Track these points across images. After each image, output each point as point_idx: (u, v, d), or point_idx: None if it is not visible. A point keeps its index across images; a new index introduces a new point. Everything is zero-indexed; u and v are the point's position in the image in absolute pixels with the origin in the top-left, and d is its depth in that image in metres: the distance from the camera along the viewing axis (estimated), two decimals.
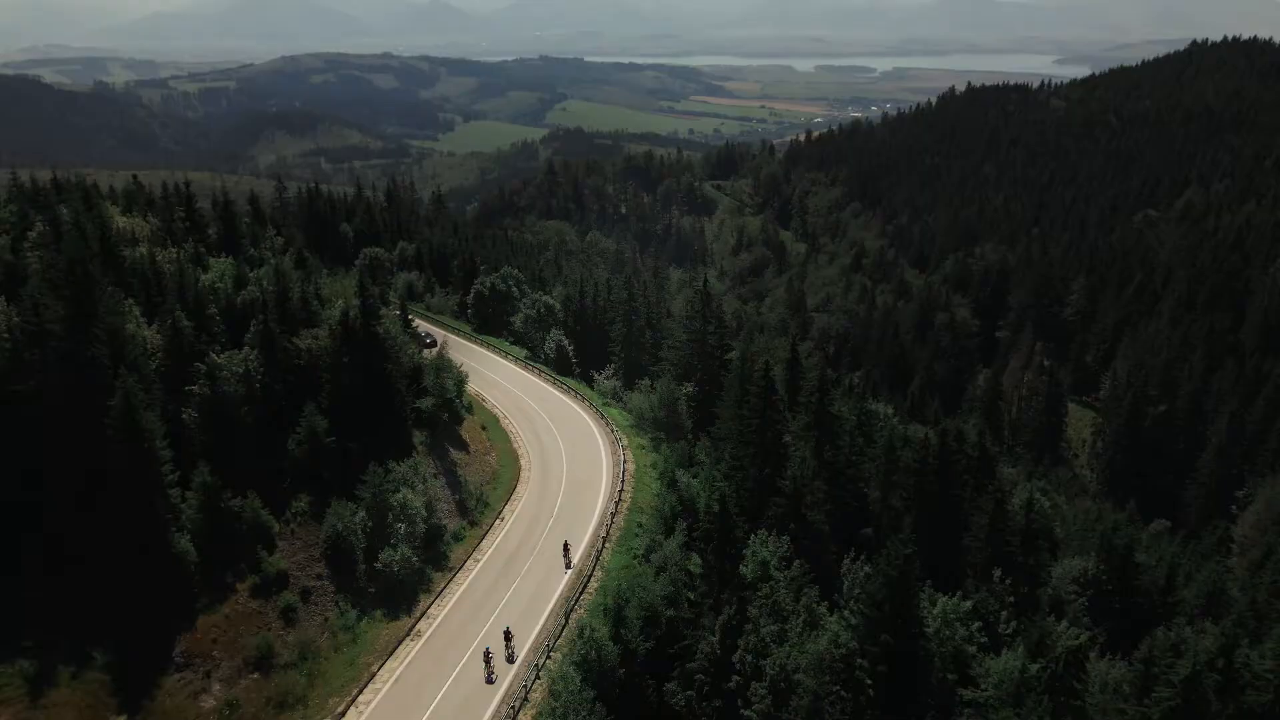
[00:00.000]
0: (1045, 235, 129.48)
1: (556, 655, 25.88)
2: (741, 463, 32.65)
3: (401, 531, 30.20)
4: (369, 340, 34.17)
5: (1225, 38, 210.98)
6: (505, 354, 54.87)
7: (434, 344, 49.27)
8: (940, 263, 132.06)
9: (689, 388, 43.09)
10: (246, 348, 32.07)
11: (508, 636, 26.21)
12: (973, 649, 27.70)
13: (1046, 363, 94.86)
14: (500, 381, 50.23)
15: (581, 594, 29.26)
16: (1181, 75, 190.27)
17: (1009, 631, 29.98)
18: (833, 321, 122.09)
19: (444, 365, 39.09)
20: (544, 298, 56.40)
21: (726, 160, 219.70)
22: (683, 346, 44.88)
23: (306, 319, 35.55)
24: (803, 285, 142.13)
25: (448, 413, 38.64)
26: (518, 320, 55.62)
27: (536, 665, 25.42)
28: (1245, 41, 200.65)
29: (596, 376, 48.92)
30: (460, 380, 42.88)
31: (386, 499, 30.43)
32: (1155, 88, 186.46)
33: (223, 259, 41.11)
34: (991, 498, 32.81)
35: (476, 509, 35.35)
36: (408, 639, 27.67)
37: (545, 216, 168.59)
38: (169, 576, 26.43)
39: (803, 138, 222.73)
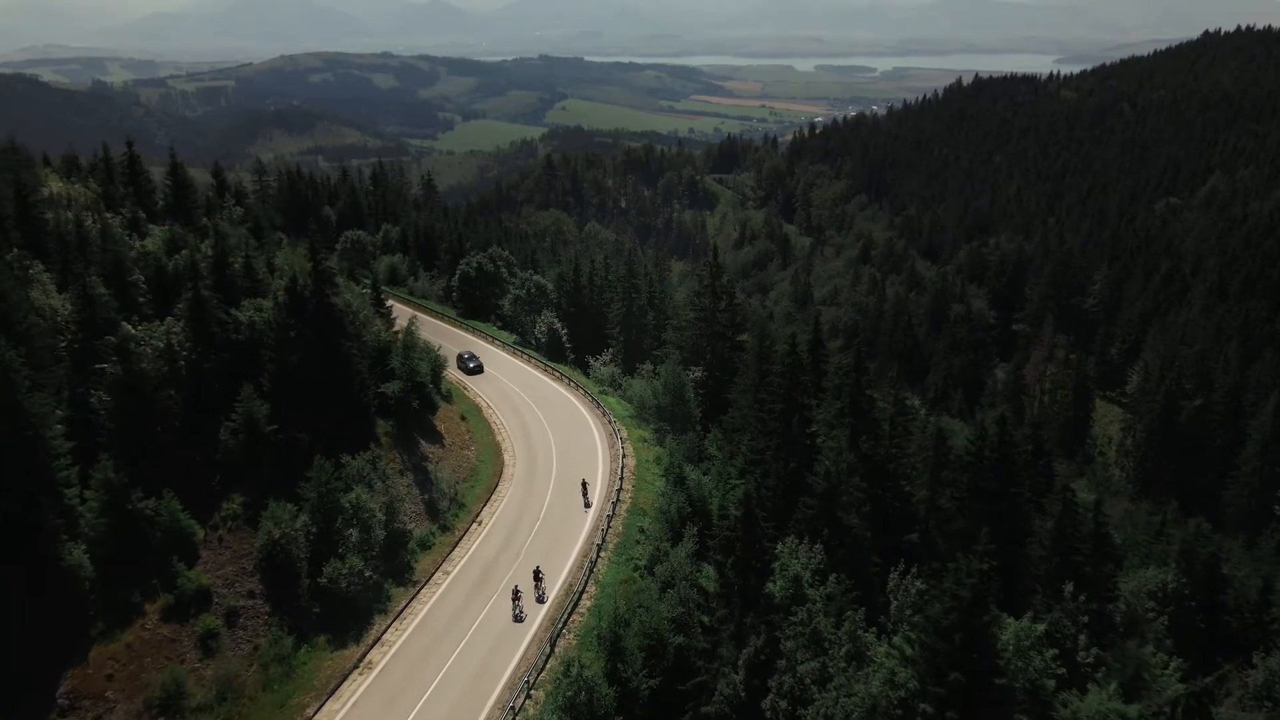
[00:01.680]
0: (1063, 224, 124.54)
1: (539, 693, 20.76)
2: (762, 456, 27.49)
3: (353, 539, 25.01)
4: (323, 312, 29.03)
5: (1238, 27, 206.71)
6: (492, 339, 49.74)
7: (480, 369, 42.59)
8: (953, 253, 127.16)
9: (697, 372, 37.91)
10: (170, 319, 26.94)
11: (537, 576, 24.91)
12: (1051, 684, 22.50)
13: (1072, 356, 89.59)
14: (487, 369, 45.07)
15: (570, 615, 24.07)
16: (1195, 64, 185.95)
17: (1089, 660, 24.77)
18: (841, 314, 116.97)
19: (413, 344, 33.89)
20: (535, 277, 51.17)
21: (728, 154, 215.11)
22: (690, 326, 39.66)
23: (251, 289, 30.45)
24: (809, 278, 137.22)
25: (419, 399, 33.47)
26: (506, 302, 50.46)
27: (513, 708, 20.26)
28: (1260, 31, 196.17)
29: (592, 362, 43.78)
30: (438, 364, 37.80)
31: (336, 499, 25.25)
32: (1168, 76, 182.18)
33: (167, 227, 36.06)
34: (1058, 498, 27.61)
35: (450, 511, 30.18)
36: (355, 672, 22.48)
37: (543, 209, 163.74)
38: (57, 596, 21.30)
39: (806, 132, 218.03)
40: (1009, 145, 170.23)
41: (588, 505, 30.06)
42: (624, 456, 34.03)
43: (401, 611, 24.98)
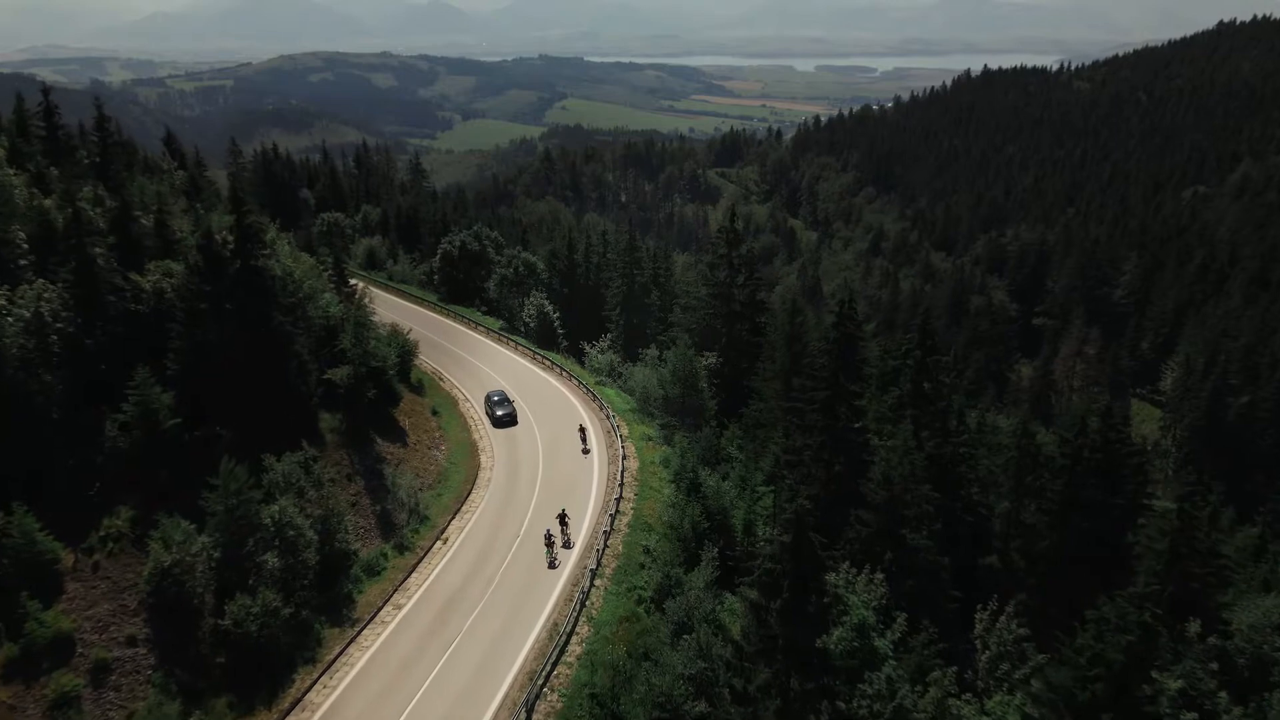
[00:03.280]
0: (1085, 214, 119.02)
1: None
2: (799, 458, 21.70)
3: (271, 565, 19.25)
4: (247, 278, 23.29)
5: (1254, 17, 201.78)
6: (476, 325, 44.00)
7: (513, 419, 31.09)
8: (969, 245, 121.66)
9: (711, 358, 32.16)
10: (42, 281, 21.17)
11: (563, 521, 23.41)
12: None
13: (1105, 350, 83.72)
14: (465, 356, 39.38)
15: (554, 667, 18.27)
16: (1213, 53, 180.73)
17: None
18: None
19: (365, 321, 28.08)
20: (523, 254, 45.39)
21: (731, 148, 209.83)
22: (702, 305, 33.88)
23: (163, 251, 24.72)
24: (817, 271, 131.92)
25: (377, 388, 27.70)
26: (492, 284, 44.70)
27: None
28: (1277, 21, 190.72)
29: (588, 350, 38.05)
30: (406, 348, 32.15)
31: (251, 513, 19.48)
32: (1185, 66, 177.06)
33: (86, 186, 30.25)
34: (1174, 512, 21.79)
35: (409, 526, 24.39)
36: None
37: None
38: None
39: (810, 124, 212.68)
40: (1021, 136, 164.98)
41: (586, 451, 28.65)
42: (624, 458, 28.27)
43: (334, 661, 19.18)
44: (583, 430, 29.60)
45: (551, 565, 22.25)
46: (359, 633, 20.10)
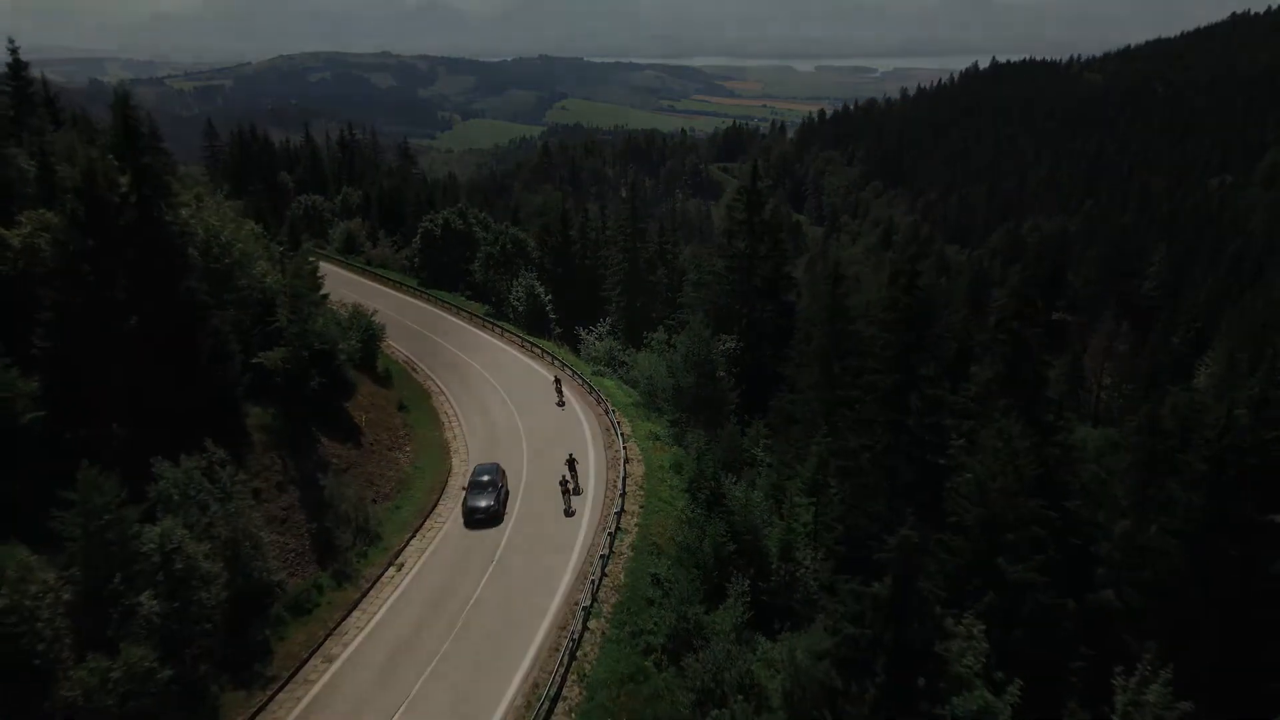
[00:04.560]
0: (1106, 205, 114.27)
1: None
2: (856, 463, 16.66)
3: (146, 609, 14.19)
4: (146, 231, 18.29)
5: (1268, 8, 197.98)
6: (458, 310, 38.99)
7: (495, 516, 20.54)
8: (984, 237, 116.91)
9: (729, 342, 27.16)
10: None
11: (572, 466, 21.96)
12: None
13: (1136, 344, 78.73)
14: (444, 344, 34.42)
15: None
16: (1228, 44, 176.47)
17: None
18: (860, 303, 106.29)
19: (305, 291, 22.97)
20: (512, 230, 40.40)
21: (734, 142, 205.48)
22: (717, 280, 28.86)
23: (48, 200, 19.72)
24: (824, 266, 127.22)
25: (324, 376, 22.68)
26: (477, 265, 39.69)
27: None
28: None
29: (584, 336, 33.09)
30: (371, 332, 27.25)
31: (125, 538, 14.44)
32: (1201, 57, 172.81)
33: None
34: None
35: (354, 549, 19.35)
36: None
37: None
38: None
39: (815, 118, 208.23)
40: (1033, 127, 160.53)
41: (561, 404, 27.15)
42: (626, 461, 23.27)
43: None
44: (558, 383, 28.10)
45: (568, 513, 20.80)
46: (271, 698, 15.01)
